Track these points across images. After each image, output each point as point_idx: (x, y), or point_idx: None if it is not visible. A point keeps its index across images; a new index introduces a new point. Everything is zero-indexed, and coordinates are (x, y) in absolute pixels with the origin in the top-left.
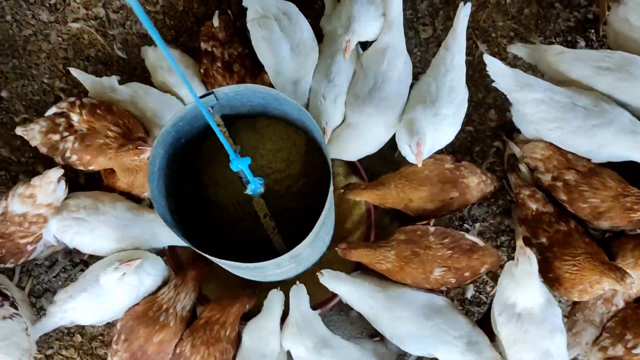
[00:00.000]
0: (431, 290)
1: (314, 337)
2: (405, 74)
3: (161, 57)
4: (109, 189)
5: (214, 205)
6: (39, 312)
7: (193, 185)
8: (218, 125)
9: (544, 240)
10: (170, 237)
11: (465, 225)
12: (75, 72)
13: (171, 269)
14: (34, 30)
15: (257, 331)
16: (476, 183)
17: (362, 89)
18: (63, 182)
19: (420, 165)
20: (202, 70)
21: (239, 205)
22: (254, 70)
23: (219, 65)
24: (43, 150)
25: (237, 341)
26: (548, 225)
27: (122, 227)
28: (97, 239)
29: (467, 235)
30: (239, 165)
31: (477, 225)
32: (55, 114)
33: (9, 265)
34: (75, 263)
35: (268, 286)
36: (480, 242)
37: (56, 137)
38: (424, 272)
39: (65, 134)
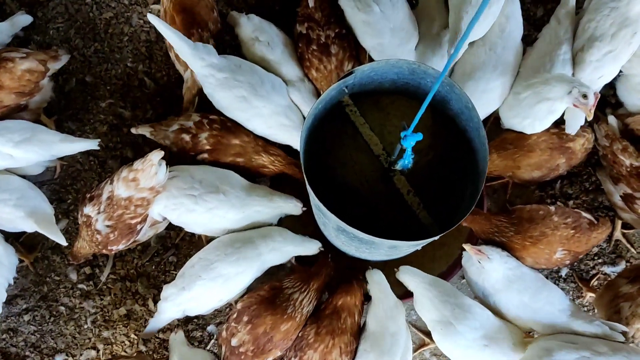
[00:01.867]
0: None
1: (451, 302)
2: (520, 47)
3: (258, 28)
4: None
5: (341, 187)
6: (135, 295)
7: (320, 168)
8: (347, 105)
9: None
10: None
11: (558, 203)
12: (152, 19)
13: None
14: (114, 13)
15: (379, 312)
16: (581, 144)
17: (478, 53)
18: (164, 165)
19: (591, 118)
20: (298, 54)
21: (367, 184)
22: (352, 52)
23: (314, 48)
24: (173, 149)
25: (359, 334)
26: None
27: (243, 207)
28: (215, 219)
29: (583, 213)
30: (412, 141)
31: (570, 202)
32: (180, 129)
33: (121, 247)
34: (167, 247)
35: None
36: (594, 219)
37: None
38: (549, 252)
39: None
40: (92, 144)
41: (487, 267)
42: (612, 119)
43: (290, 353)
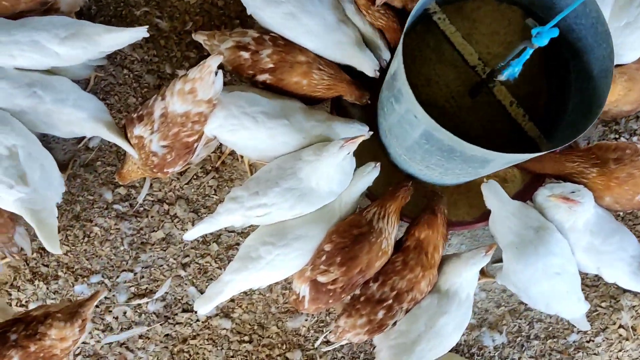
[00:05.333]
0: None
1: (534, 223)
2: None
3: None
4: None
5: (426, 106)
6: (173, 219)
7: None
8: (434, 12)
9: None
10: None
11: (622, 139)
12: None
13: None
14: None
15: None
16: None
17: None
18: (221, 73)
19: None
20: None
21: (453, 100)
22: None
23: None
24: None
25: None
26: None
27: (303, 132)
28: (276, 146)
29: None
30: (546, 39)
31: (635, 139)
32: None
33: (177, 168)
34: (207, 170)
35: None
36: None
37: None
38: (632, 194)
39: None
40: (140, 32)
41: (580, 209)
42: None
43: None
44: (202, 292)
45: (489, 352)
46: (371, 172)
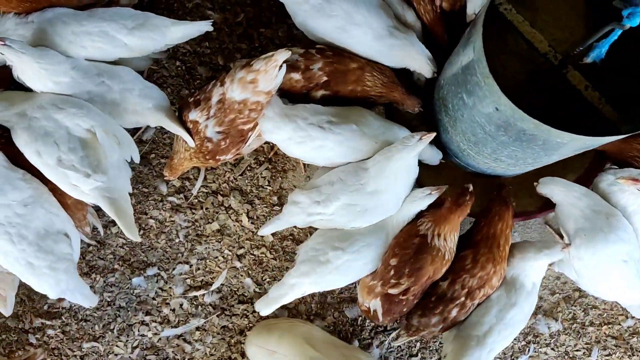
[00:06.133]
0: None
1: (604, 211)
2: None
3: None
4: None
5: None
6: (227, 210)
7: None
8: (500, 4)
9: None
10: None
11: None
12: None
13: None
14: None
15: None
16: None
17: None
18: (284, 67)
19: None
20: None
21: (519, 90)
22: None
23: None
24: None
25: None
26: None
27: (376, 137)
28: (345, 151)
29: None
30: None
31: None
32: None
33: (229, 157)
34: (260, 162)
35: None
36: None
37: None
38: None
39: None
40: (205, 26)
41: None
42: None
43: None
44: (257, 283)
45: (545, 340)
46: (424, 199)
